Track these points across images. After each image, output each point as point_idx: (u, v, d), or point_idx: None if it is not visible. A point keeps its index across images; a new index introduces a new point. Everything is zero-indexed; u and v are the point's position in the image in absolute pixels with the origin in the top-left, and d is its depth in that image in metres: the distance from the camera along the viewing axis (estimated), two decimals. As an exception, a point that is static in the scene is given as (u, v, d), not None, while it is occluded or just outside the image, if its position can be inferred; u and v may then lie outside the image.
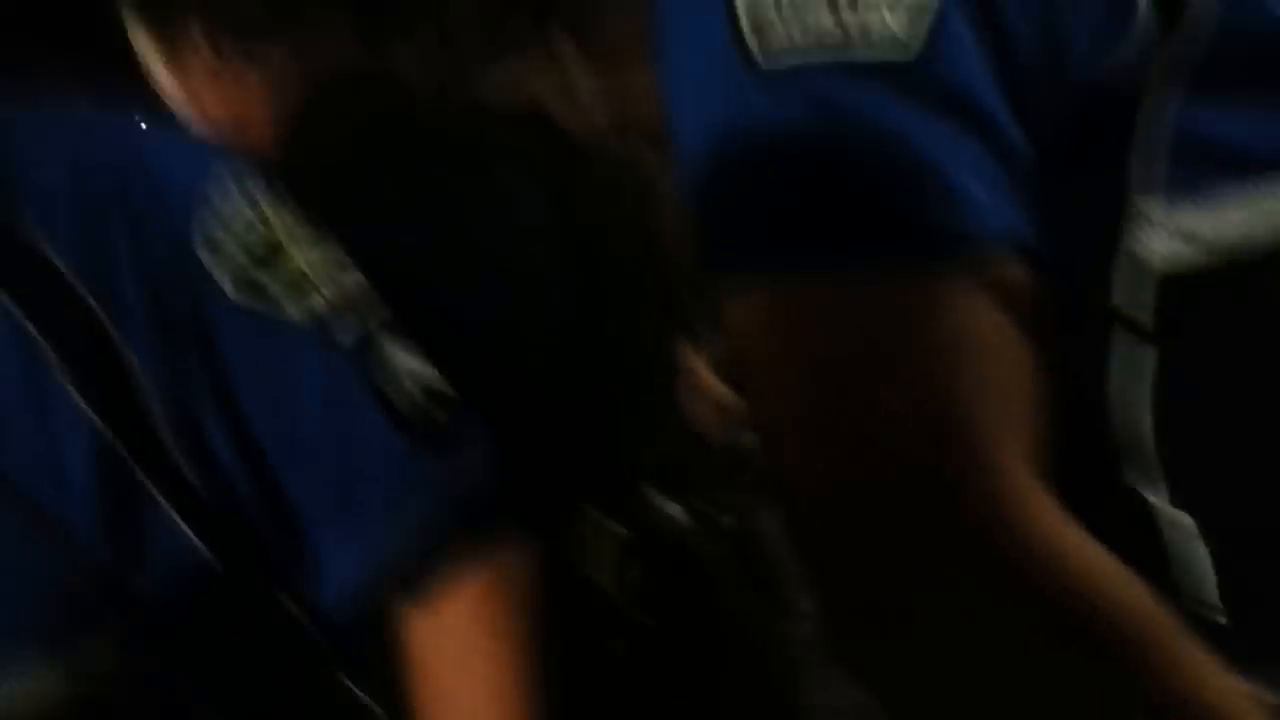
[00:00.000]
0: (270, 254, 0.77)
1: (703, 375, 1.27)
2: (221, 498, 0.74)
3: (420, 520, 0.79)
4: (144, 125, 0.85)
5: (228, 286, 0.76)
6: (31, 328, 0.70)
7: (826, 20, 0.50)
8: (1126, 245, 0.53)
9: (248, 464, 0.76)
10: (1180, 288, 0.53)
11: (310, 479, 0.78)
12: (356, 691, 0.80)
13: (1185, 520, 0.54)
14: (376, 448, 0.79)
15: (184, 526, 0.73)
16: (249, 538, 0.76)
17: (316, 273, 0.79)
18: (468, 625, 0.80)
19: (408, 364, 0.81)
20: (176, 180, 0.78)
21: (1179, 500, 0.54)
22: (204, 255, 0.76)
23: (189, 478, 0.74)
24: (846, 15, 0.50)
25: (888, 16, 0.50)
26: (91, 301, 0.72)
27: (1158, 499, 0.54)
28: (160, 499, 0.72)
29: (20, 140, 0.76)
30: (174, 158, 0.80)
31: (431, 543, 0.80)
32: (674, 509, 1.14)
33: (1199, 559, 0.54)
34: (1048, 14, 0.51)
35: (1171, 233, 0.53)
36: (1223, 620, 0.54)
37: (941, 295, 0.51)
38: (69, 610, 0.69)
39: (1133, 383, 0.54)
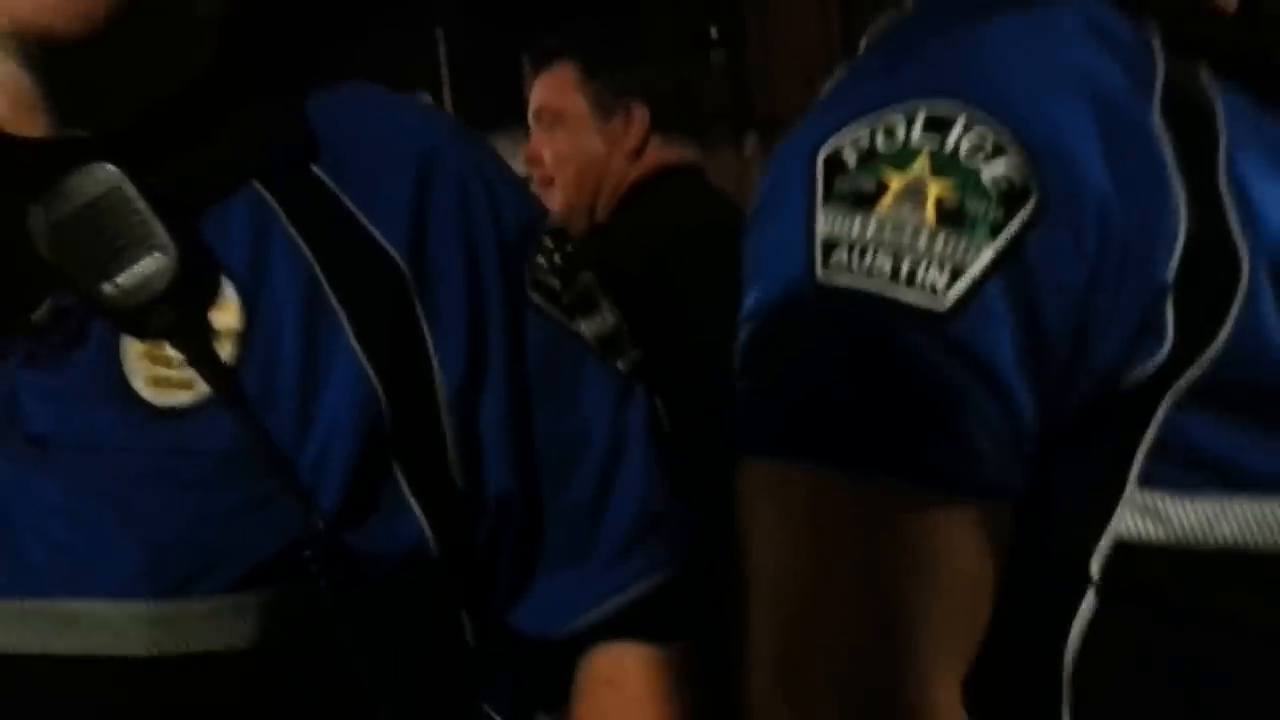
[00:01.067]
0: (567, 268, 0.77)
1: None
2: (471, 489, 0.73)
3: (655, 569, 0.78)
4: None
5: (529, 284, 0.75)
6: (323, 278, 0.69)
7: (884, 261, 0.58)
8: (1112, 521, 0.61)
9: (514, 463, 0.74)
10: (1135, 555, 0.60)
11: (568, 497, 0.76)
12: (494, 717, 0.82)
13: None
14: (640, 482, 0.77)
15: (419, 512, 0.71)
16: (475, 536, 0.74)
17: (600, 295, 0.79)
18: (648, 684, 0.78)
19: (662, 411, 0.79)
20: (510, 178, 0.78)
21: None
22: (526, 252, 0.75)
23: (447, 461, 0.72)
24: (902, 260, 0.58)
25: (934, 270, 0.58)
26: (402, 266, 0.70)
27: None
28: (402, 477, 0.71)
29: (338, 104, 0.75)
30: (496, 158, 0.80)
31: (658, 594, 0.78)
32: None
33: None
34: (1083, 319, 0.58)
35: (1145, 511, 0.60)
36: None
37: (924, 520, 0.59)
38: (282, 558, 0.67)
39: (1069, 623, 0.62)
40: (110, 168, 0.66)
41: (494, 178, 0.76)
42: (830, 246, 0.60)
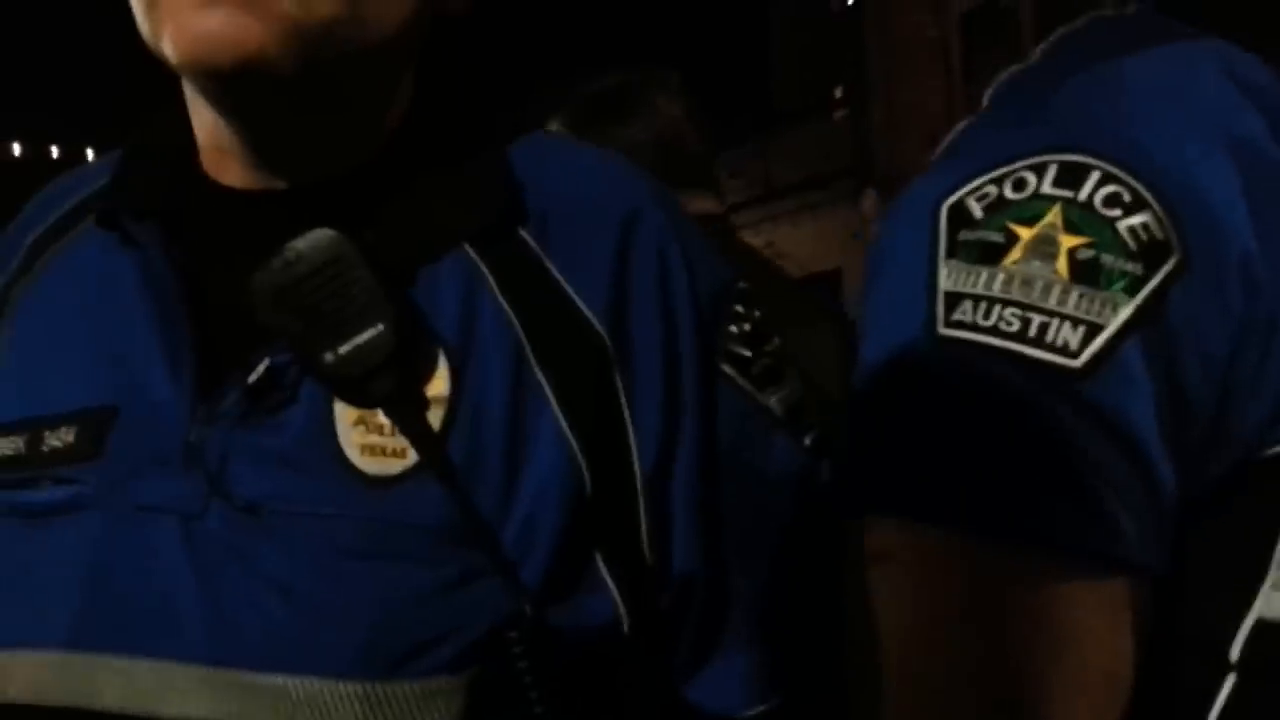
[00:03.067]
0: (757, 336, 0.74)
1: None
2: (660, 565, 0.70)
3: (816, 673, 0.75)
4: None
5: (721, 355, 0.72)
6: (529, 346, 0.67)
7: (1012, 316, 0.54)
8: (1256, 601, 0.55)
9: (702, 540, 0.71)
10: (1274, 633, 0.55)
11: (751, 576, 0.73)
12: None
13: None
14: (810, 566, 0.74)
15: (614, 589, 0.69)
16: (659, 612, 0.72)
17: (787, 363, 0.76)
18: None
19: None
20: (703, 241, 0.76)
21: None
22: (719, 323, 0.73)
23: (640, 536, 0.70)
24: (1032, 314, 0.54)
25: (1066, 326, 0.53)
26: (604, 336, 0.68)
27: None
28: (599, 552, 0.68)
29: (539, 160, 0.73)
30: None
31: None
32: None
33: None
34: (1227, 383, 0.54)
35: None
36: None
37: (1056, 593, 0.54)
38: (491, 638, 0.64)
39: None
40: (332, 233, 0.65)
41: (690, 242, 0.74)
42: (954, 300, 0.56)
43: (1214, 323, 0.53)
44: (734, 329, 0.73)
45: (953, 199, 0.57)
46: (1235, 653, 0.55)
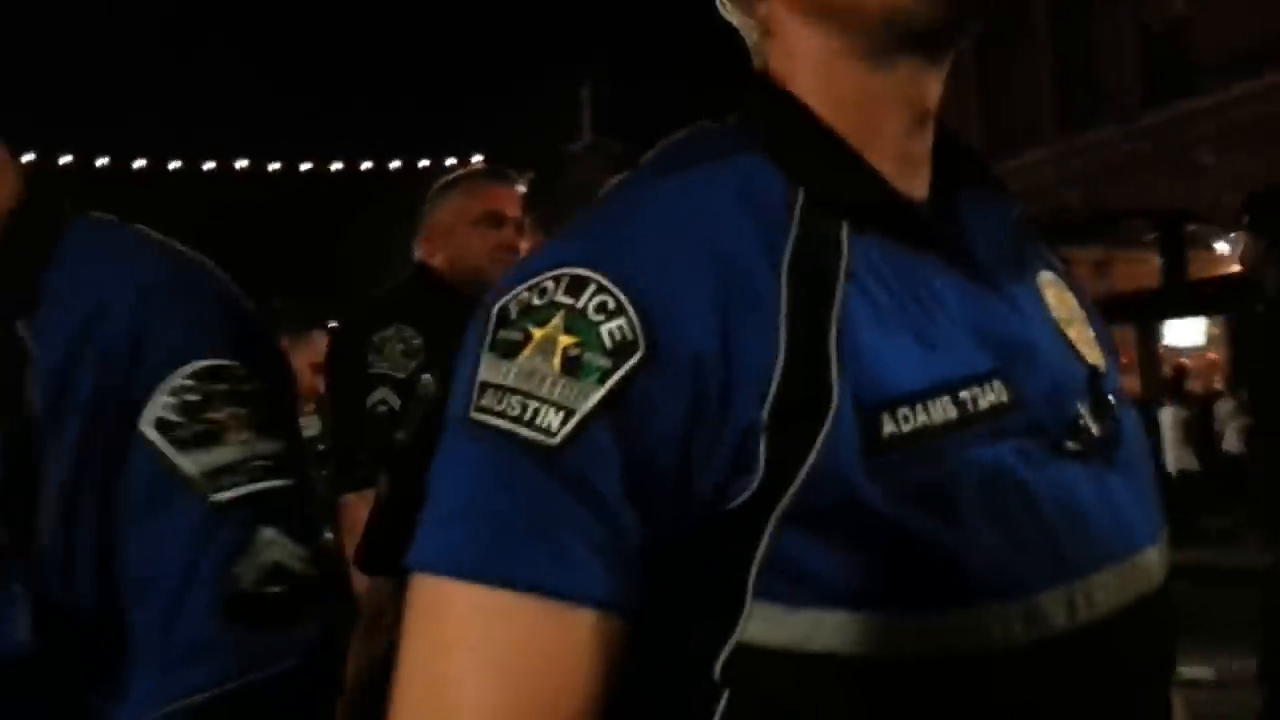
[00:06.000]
0: (197, 406, 0.88)
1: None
2: (67, 597, 0.84)
3: (213, 684, 0.85)
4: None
5: (144, 417, 0.87)
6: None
7: (515, 403, 0.67)
8: (736, 629, 0.67)
9: (101, 579, 0.85)
10: (755, 660, 0.67)
11: (144, 610, 0.86)
12: None
13: None
14: (199, 604, 0.85)
15: (26, 616, 0.83)
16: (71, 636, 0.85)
17: (232, 430, 0.88)
18: None
19: (271, 536, 0.87)
20: (186, 325, 0.92)
21: None
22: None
23: (51, 568, 0.84)
24: (530, 401, 0.66)
25: (551, 411, 0.66)
26: (52, 390, 0.86)
27: None
28: (16, 582, 0.83)
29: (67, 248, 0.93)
30: None
31: (213, 703, 0.84)
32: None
33: None
34: (685, 452, 0.66)
35: (760, 620, 0.67)
36: None
37: (521, 626, 0.65)
38: None
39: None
40: None
41: (156, 323, 0.89)
42: (484, 388, 0.68)
43: (671, 407, 0.67)
44: (170, 399, 0.87)
45: (502, 300, 0.71)
46: (719, 672, 0.68)
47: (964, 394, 0.71)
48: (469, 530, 0.67)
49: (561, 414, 0.66)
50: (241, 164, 21.66)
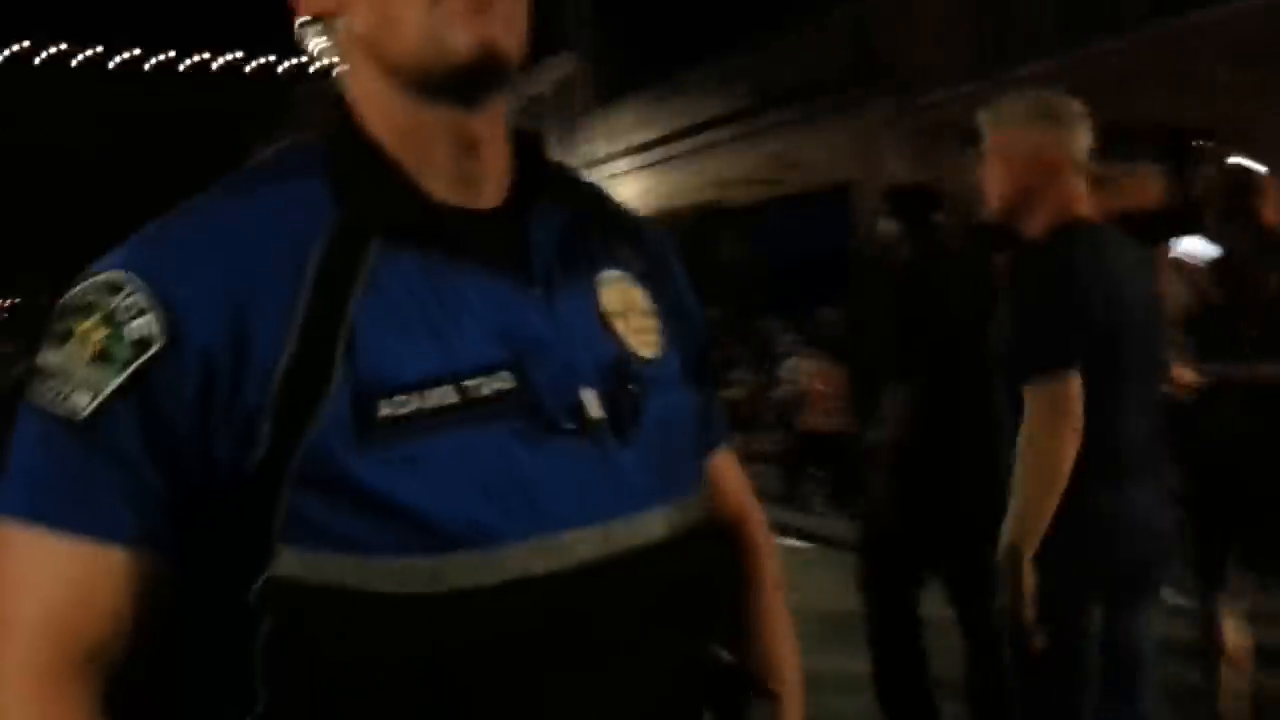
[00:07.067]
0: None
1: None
2: None
3: None
4: None
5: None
6: None
7: (54, 385, 0.83)
8: (269, 565, 0.81)
9: None
10: (284, 590, 0.81)
11: None
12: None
13: None
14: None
15: None
16: None
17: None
18: None
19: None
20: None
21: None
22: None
23: None
24: (64, 385, 0.82)
25: (80, 392, 0.82)
26: None
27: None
28: None
29: None
30: None
31: None
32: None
33: None
34: (201, 425, 0.81)
35: (281, 558, 0.81)
36: None
37: (60, 556, 0.81)
38: None
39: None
40: None
41: None
42: (37, 372, 0.85)
43: (185, 389, 0.82)
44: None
45: (65, 297, 0.86)
46: (254, 598, 0.82)
47: (468, 383, 0.84)
48: (21, 483, 0.84)
49: (89, 394, 0.82)
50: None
